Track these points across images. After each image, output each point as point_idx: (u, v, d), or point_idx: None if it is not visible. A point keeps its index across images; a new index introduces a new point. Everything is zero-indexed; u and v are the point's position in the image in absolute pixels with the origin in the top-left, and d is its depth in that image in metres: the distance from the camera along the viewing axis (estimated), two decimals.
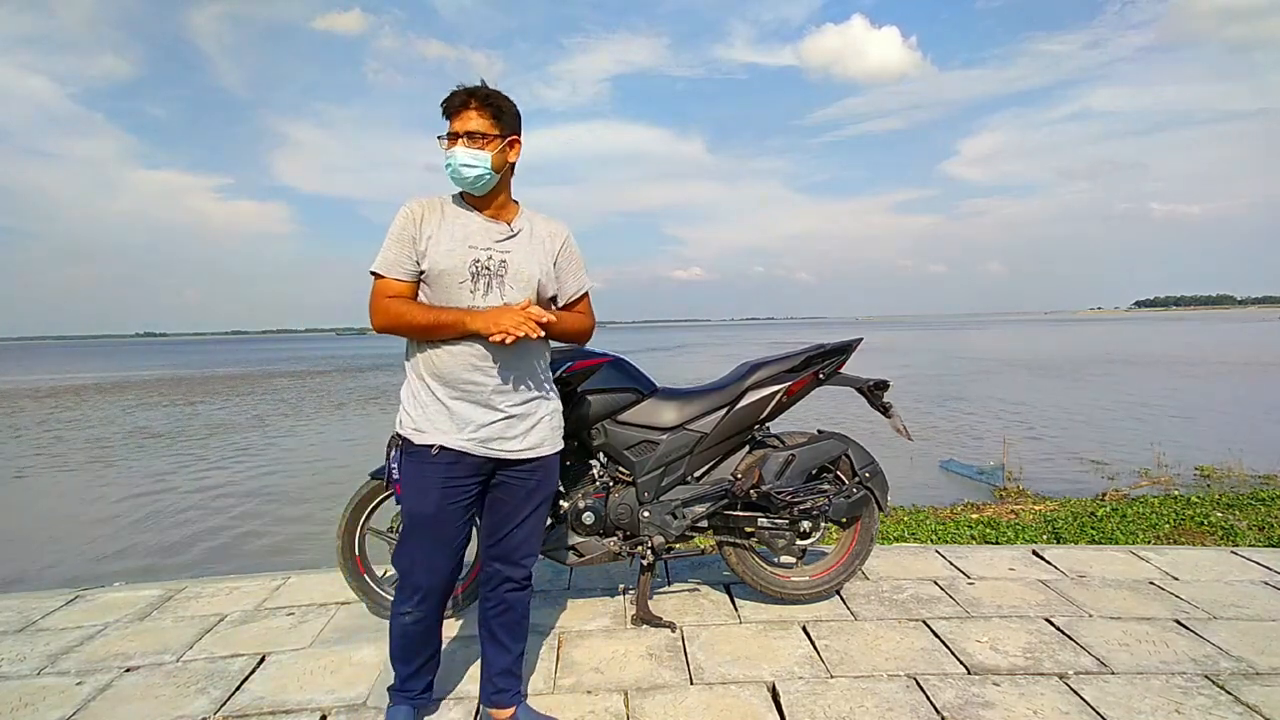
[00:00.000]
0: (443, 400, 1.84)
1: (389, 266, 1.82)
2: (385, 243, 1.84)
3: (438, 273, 1.82)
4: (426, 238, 1.82)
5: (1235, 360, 23.55)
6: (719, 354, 35.19)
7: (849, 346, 2.87)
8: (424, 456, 1.83)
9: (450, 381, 1.83)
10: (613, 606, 2.86)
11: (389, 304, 1.81)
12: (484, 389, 1.85)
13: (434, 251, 1.82)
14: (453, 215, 1.87)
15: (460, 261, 1.82)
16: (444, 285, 1.83)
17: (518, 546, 1.97)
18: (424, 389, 1.85)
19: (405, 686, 2.02)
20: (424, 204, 1.86)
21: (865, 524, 2.85)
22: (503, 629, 2.00)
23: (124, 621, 2.87)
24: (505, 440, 1.88)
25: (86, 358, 66.05)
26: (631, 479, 2.72)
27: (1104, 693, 2.15)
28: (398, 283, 1.82)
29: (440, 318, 1.78)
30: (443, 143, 1.84)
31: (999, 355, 30.61)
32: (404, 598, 1.92)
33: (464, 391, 1.84)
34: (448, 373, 1.83)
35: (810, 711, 2.09)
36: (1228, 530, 4.33)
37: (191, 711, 2.17)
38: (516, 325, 1.72)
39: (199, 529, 6.79)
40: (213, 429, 13.78)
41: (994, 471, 7.41)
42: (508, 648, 2.02)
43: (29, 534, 7.04)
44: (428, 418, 1.84)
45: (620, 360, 2.80)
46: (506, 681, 2.02)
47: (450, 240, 1.83)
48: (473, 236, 1.85)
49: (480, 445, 1.85)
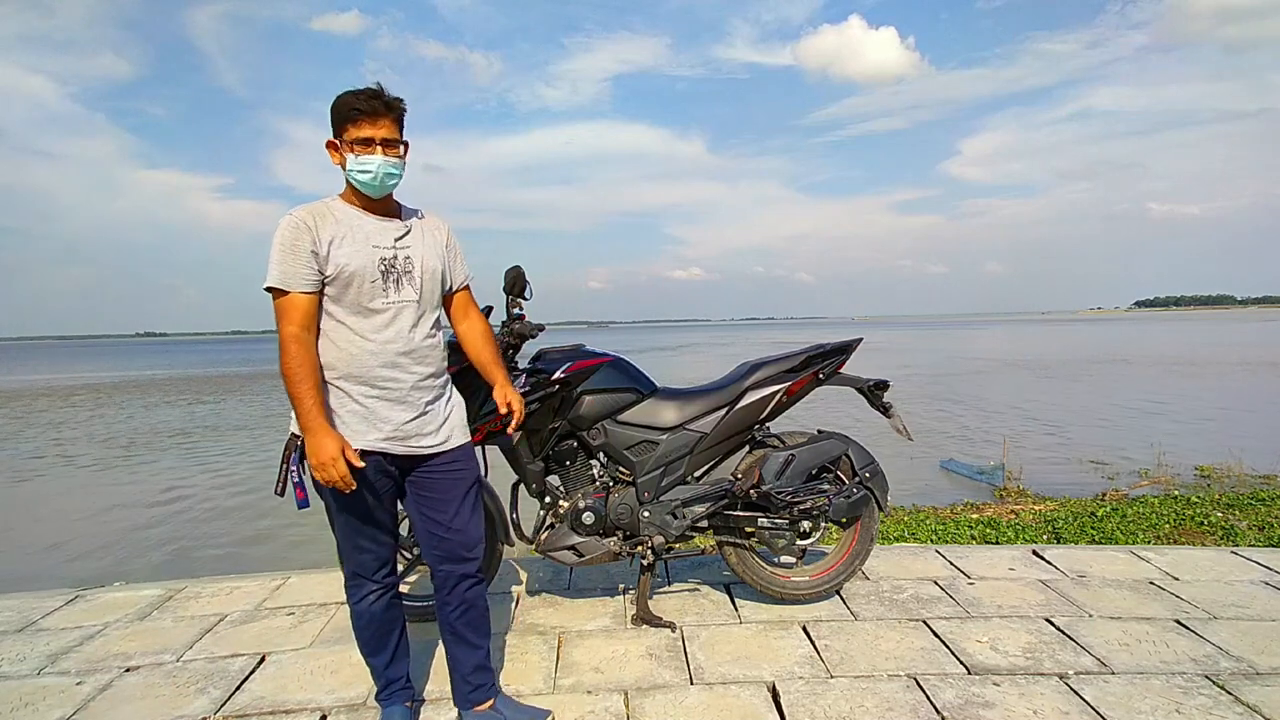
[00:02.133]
0: (359, 400, 1.83)
1: (288, 279, 1.76)
2: (276, 257, 1.76)
3: (348, 275, 1.79)
4: (327, 243, 1.78)
5: (1235, 360, 23.54)
6: (721, 354, 35.19)
7: (849, 346, 2.87)
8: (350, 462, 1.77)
9: (368, 380, 1.82)
10: (613, 606, 2.86)
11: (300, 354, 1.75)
12: (403, 385, 1.86)
13: (339, 255, 1.79)
14: (347, 219, 1.84)
15: (368, 262, 1.82)
16: (355, 287, 1.80)
17: (462, 539, 1.97)
18: (336, 392, 1.83)
19: (389, 680, 2.03)
20: (311, 211, 1.81)
21: (865, 524, 2.85)
22: (468, 627, 2.00)
23: (124, 621, 2.87)
24: (423, 436, 1.90)
25: (89, 358, 66.05)
26: (632, 479, 2.72)
27: (1104, 693, 2.15)
28: (302, 296, 1.77)
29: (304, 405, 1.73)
30: (352, 149, 1.80)
31: (999, 355, 30.60)
32: (360, 581, 1.95)
33: (382, 390, 1.84)
34: (365, 372, 1.82)
35: (810, 711, 2.09)
36: (1228, 530, 4.33)
37: (191, 711, 2.17)
38: (328, 479, 1.73)
39: (201, 529, 6.80)
40: (235, 426, 13.78)
41: (994, 471, 7.42)
42: (476, 645, 2.02)
43: (38, 533, 7.04)
44: (344, 422, 1.82)
45: (620, 360, 2.80)
46: (481, 677, 2.03)
47: (353, 243, 1.81)
48: (373, 237, 1.85)
49: (399, 444, 1.86)
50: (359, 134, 1.80)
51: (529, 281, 2.54)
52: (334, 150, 1.85)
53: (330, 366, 1.82)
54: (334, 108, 1.83)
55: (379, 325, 1.84)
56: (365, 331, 1.83)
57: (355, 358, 1.81)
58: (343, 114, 1.81)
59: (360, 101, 1.80)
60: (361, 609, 1.97)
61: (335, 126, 1.84)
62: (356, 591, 1.96)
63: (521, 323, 2.61)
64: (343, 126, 1.82)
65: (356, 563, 1.94)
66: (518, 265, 2.54)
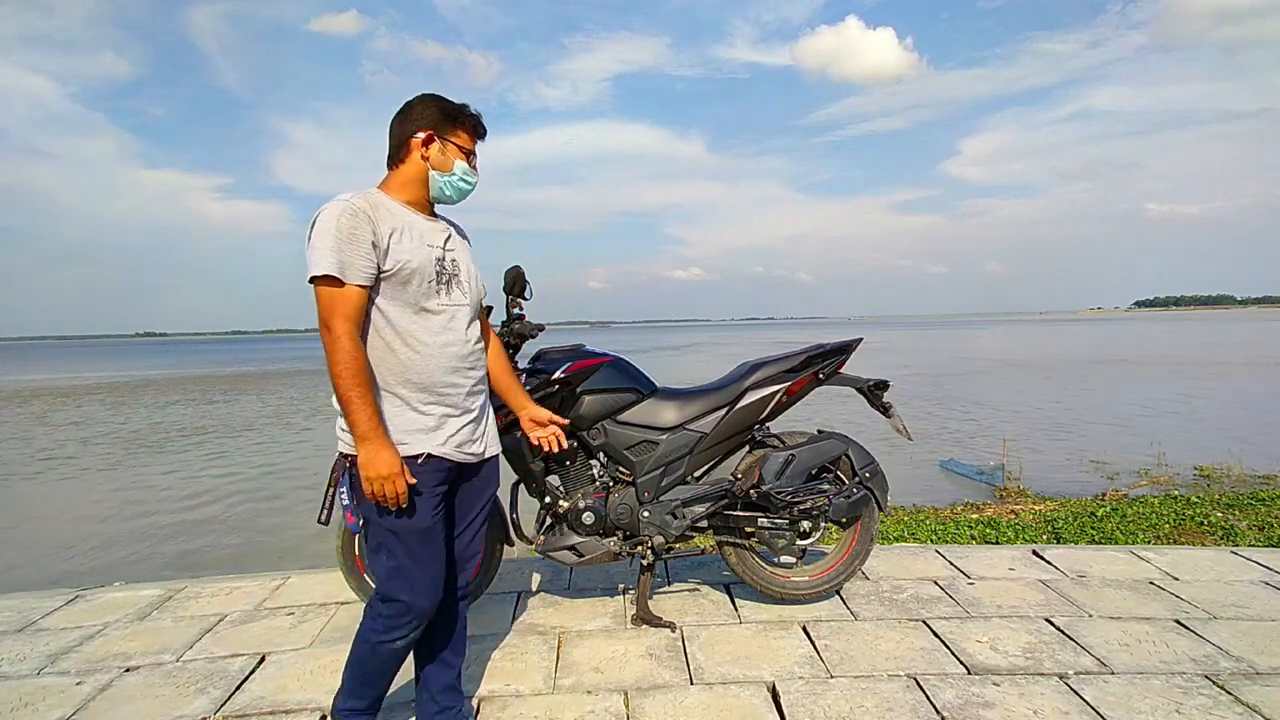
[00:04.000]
0: (418, 407, 1.73)
1: (346, 269, 1.62)
2: (330, 243, 1.61)
3: (409, 273, 1.70)
4: (387, 236, 1.68)
5: (1235, 360, 23.55)
6: (723, 354, 35.19)
7: (849, 346, 2.87)
8: (410, 469, 1.70)
9: (428, 386, 1.74)
10: (613, 606, 2.86)
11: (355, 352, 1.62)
12: (460, 391, 1.80)
13: (399, 251, 1.69)
14: (401, 214, 1.75)
15: (427, 261, 1.74)
16: (413, 287, 1.71)
17: (465, 550, 1.90)
18: (392, 399, 1.72)
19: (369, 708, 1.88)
20: (366, 199, 1.70)
21: (865, 524, 2.85)
22: (444, 644, 1.92)
23: (124, 621, 2.87)
24: (471, 443, 1.83)
25: (89, 358, 66.06)
26: (631, 479, 2.72)
27: (1104, 693, 2.15)
28: (356, 289, 1.64)
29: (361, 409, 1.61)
30: (466, 157, 1.82)
31: (998, 355, 30.61)
32: (400, 624, 1.75)
33: (440, 396, 1.76)
34: (426, 377, 1.73)
35: (810, 711, 2.09)
36: (1228, 530, 4.33)
37: (191, 711, 2.17)
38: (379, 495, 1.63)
39: (201, 528, 6.80)
40: (247, 424, 13.78)
41: (994, 471, 7.42)
42: (450, 663, 1.93)
43: (38, 533, 7.04)
44: (403, 428, 1.71)
45: (620, 360, 2.80)
46: (451, 698, 1.93)
47: (411, 239, 1.73)
48: (426, 236, 1.78)
49: (456, 450, 1.79)
50: (470, 145, 1.82)
51: (529, 281, 2.55)
52: (428, 144, 1.77)
53: (388, 372, 1.71)
54: (447, 107, 1.79)
55: (438, 328, 1.75)
56: (424, 335, 1.73)
57: (416, 363, 1.72)
58: (461, 119, 1.80)
59: (476, 118, 1.83)
60: (400, 647, 1.77)
61: (442, 124, 1.78)
62: (401, 627, 1.75)
63: (521, 323, 2.61)
64: (455, 130, 1.79)
65: (415, 604, 1.74)
66: (518, 265, 2.54)
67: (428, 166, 1.78)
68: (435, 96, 1.81)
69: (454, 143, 1.80)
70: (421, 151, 1.77)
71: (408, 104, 1.80)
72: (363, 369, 1.63)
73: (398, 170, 1.80)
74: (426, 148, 1.77)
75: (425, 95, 1.81)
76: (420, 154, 1.77)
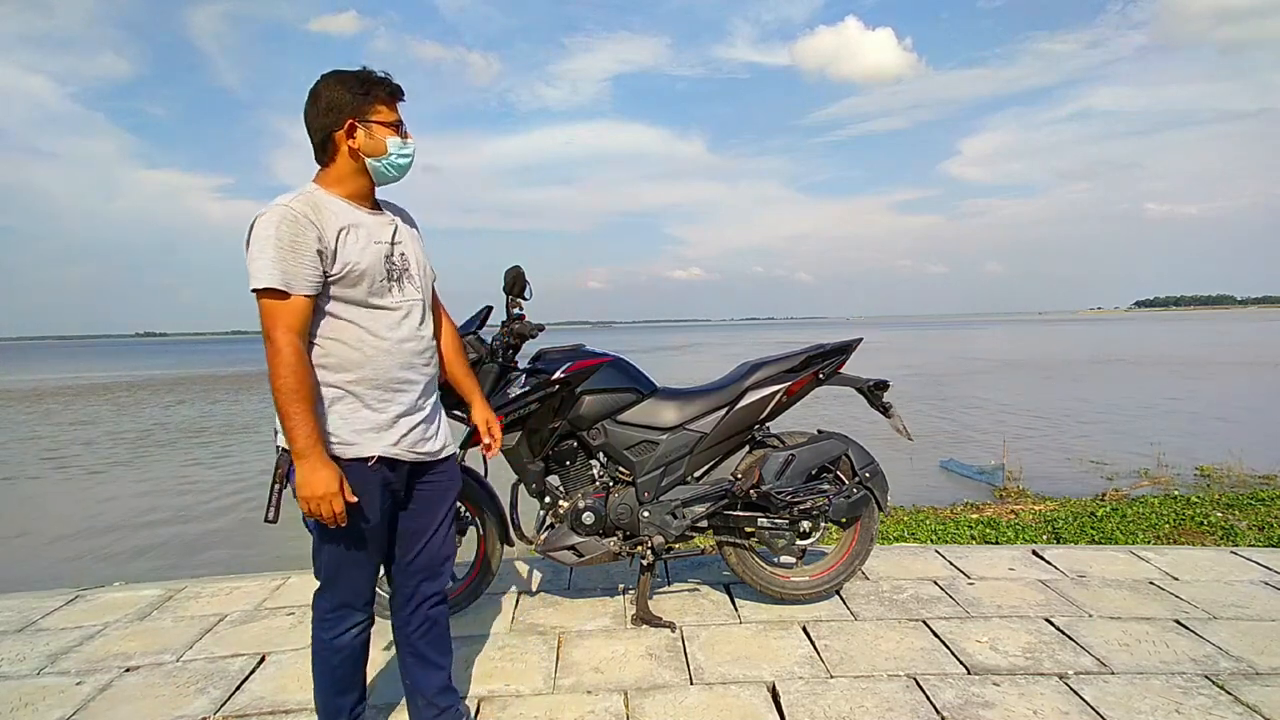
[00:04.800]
0: (370, 405, 1.68)
1: (291, 280, 1.55)
2: (272, 253, 1.54)
3: (359, 274, 1.63)
4: (333, 239, 1.61)
5: (1235, 360, 23.54)
6: (723, 354, 35.18)
7: (849, 346, 2.87)
8: (358, 471, 1.65)
9: (383, 383, 1.69)
10: (613, 606, 2.86)
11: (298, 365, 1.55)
12: (415, 388, 1.75)
13: (347, 253, 1.62)
14: (345, 212, 1.67)
15: (376, 260, 1.67)
16: (364, 286, 1.65)
17: (437, 554, 1.86)
18: (344, 396, 1.67)
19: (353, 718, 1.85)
20: (306, 201, 1.62)
21: (865, 524, 2.85)
22: (431, 647, 1.88)
23: (124, 621, 2.87)
24: (424, 442, 1.78)
25: (91, 358, 66.08)
26: (631, 479, 2.72)
27: (1104, 693, 2.15)
28: (303, 299, 1.58)
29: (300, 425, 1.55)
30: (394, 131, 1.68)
31: (998, 355, 30.60)
32: (347, 613, 1.75)
33: (395, 393, 1.71)
34: (382, 374, 1.68)
35: (810, 711, 2.09)
36: (1228, 530, 4.33)
37: (191, 711, 2.17)
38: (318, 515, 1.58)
39: (202, 528, 6.80)
40: (247, 424, 13.78)
41: (994, 471, 7.42)
42: (439, 665, 1.90)
43: (39, 533, 7.04)
44: (354, 428, 1.66)
45: (620, 360, 2.80)
46: (447, 699, 1.91)
47: (358, 239, 1.65)
48: (374, 233, 1.70)
49: (408, 450, 1.74)
50: (393, 116, 1.68)
51: (529, 281, 2.55)
52: (351, 134, 1.66)
53: (341, 369, 1.66)
54: (348, 83, 1.65)
55: (392, 323, 1.71)
56: (379, 330, 1.69)
57: (372, 359, 1.67)
58: (372, 93, 1.66)
59: (386, 82, 1.67)
60: (343, 642, 1.76)
61: (357, 106, 1.65)
62: (340, 624, 1.75)
63: (521, 323, 2.61)
64: (372, 106, 1.66)
65: (349, 591, 1.75)
66: (518, 265, 2.54)
67: (362, 155, 1.68)
68: (338, 76, 1.67)
69: (376, 121, 1.67)
70: (349, 144, 1.67)
71: (314, 93, 1.67)
72: (304, 383, 1.57)
73: (331, 167, 1.70)
74: (352, 138, 1.67)
75: (329, 78, 1.67)
76: (348, 147, 1.67)
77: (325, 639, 1.77)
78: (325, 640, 1.77)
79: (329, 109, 1.66)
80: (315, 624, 1.78)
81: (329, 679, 1.80)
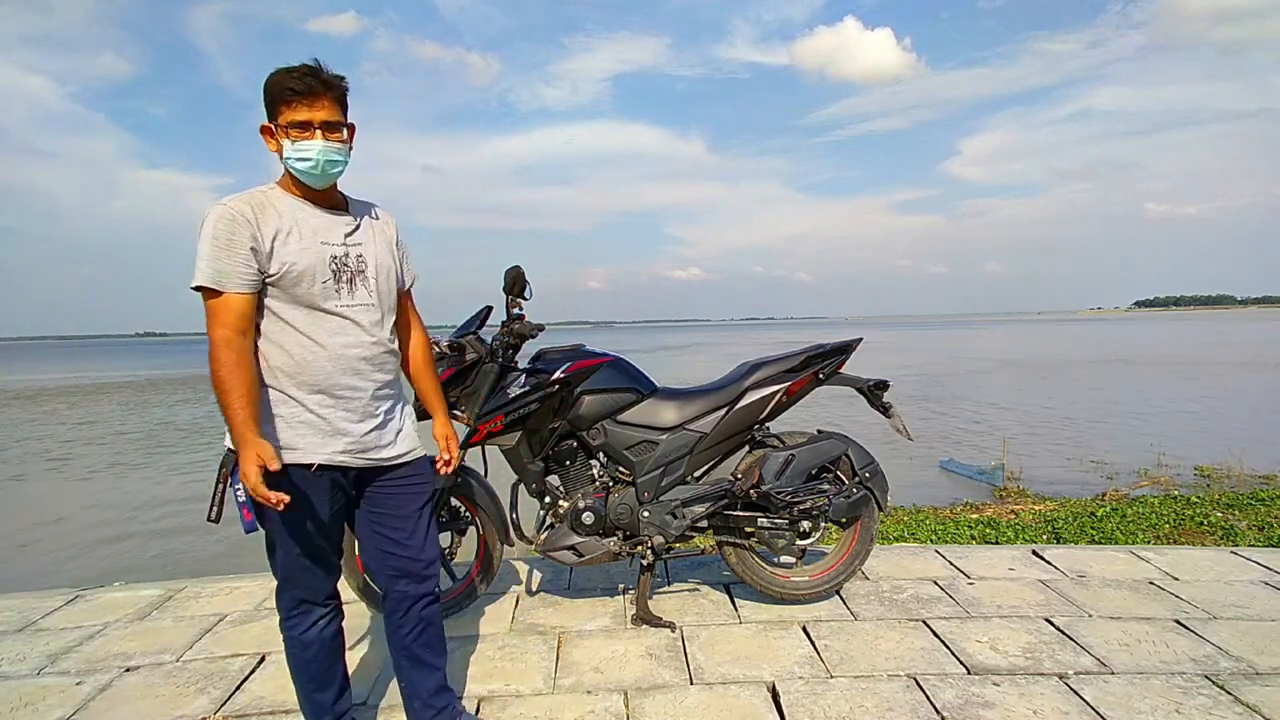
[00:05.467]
0: (315, 411, 1.67)
1: (223, 278, 1.56)
2: (207, 252, 1.55)
3: (297, 274, 1.62)
4: (269, 239, 1.60)
5: (1235, 360, 23.54)
6: (723, 354, 35.19)
7: (849, 346, 2.87)
8: (301, 475, 1.65)
9: (324, 389, 1.67)
10: (613, 606, 2.86)
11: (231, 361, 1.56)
12: (362, 395, 1.72)
13: (285, 253, 1.61)
14: (290, 211, 1.66)
15: (318, 260, 1.65)
16: (304, 288, 1.63)
17: (420, 554, 1.84)
18: (287, 401, 1.66)
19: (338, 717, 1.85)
20: (248, 202, 1.62)
21: (865, 524, 2.85)
22: (426, 648, 1.87)
23: (124, 621, 2.87)
24: (378, 449, 1.76)
25: (91, 358, 66.05)
26: (631, 479, 2.72)
27: (1104, 693, 2.15)
28: (237, 297, 1.58)
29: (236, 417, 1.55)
30: (288, 133, 1.62)
31: (999, 355, 30.60)
32: (308, 608, 1.76)
33: (338, 399, 1.68)
34: (322, 379, 1.66)
35: (810, 711, 2.09)
36: (1228, 530, 4.33)
37: (191, 711, 2.17)
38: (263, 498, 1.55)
39: (202, 528, 6.79)
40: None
41: (994, 471, 7.42)
42: (435, 665, 1.89)
43: (39, 533, 7.04)
44: (297, 434, 1.65)
45: (620, 360, 2.80)
46: (443, 699, 1.90)
47: (300, 238, 1.63)
48: (321, 232, 1.68)
49: (359, 456, 1.73)
50: (295, 117, 1.61)
51: (529, 281, 2.55)
52: (269, 136, 1.66)
53: (282, 374, 1.66)
54: (266, 87, 1.63)
55: (334, 329, 1.68)
56: (320, 336, 1.66)
57: (311, 365, 1.65)
58: (275, 94, 1.62)
59: (294, 80, 1.60)
60: (310, 637, 1.76)
61: (269, 109, 1.65)
62: (303, 620, 1.76)
63: (521, 323, 2.62)
64: (276, 109, 1.63)
65: (305, 588, 1.75)
66: (518, 265, 2.54)
67: (281, 157, 1.66)
68: (269, 78, 1.64)
69: (281, 124, 1.64)
70: (270, 144, 1.67)
71: None
72: (239, 377, 1.56)
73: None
74: (271, 139, 1.66)
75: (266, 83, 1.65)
76: (272, 147, 1.67)
77: (294, 636, 1.78)
78: (294, 637, 1.78)
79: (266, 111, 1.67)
80: (281, 624, 1.79)
81: (305, 675, 1.81)
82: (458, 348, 2.58)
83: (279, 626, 1.80)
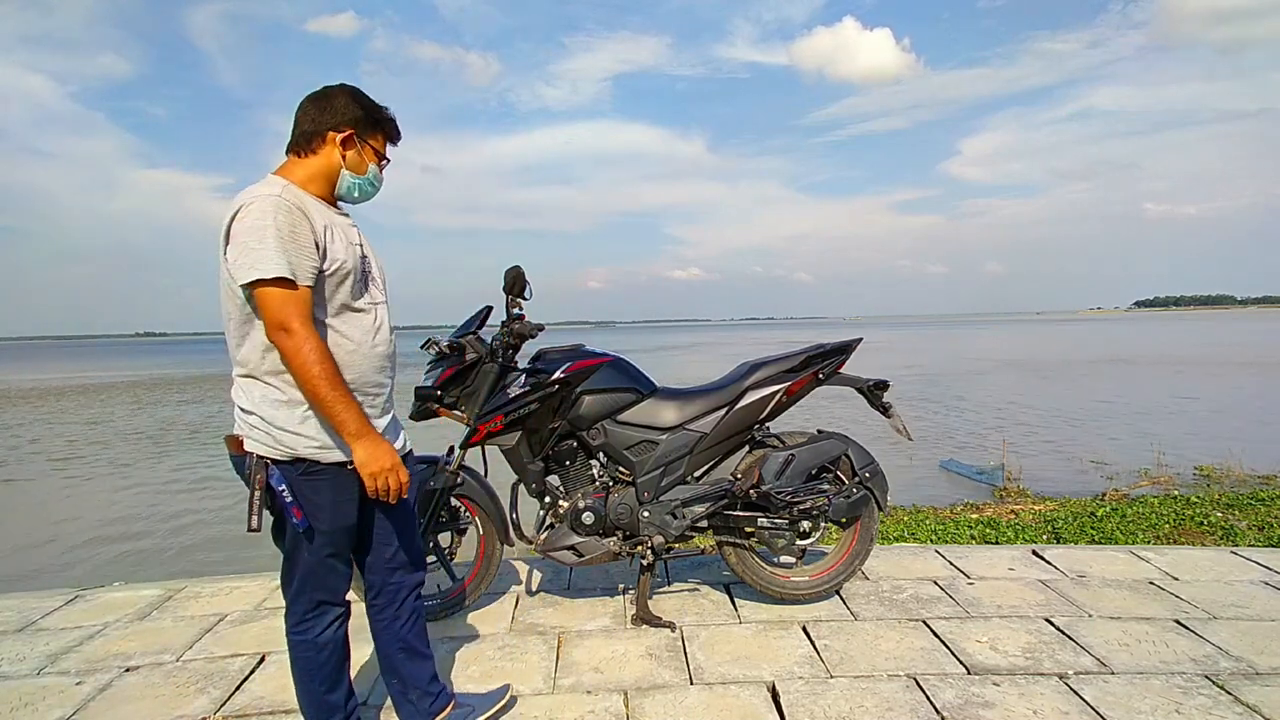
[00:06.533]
0: None
1: (296, 270, 1.54)
2: (275, 244, 1.52)
3: (344, 274, 1.64)
4: (322, 232, 1.61)
5: (1235, 360, 23.54)
6: (723, 354, 35.19)
7: (849, 346, 2.87)
8: (337, 473, 1.66)
9: (360, 388, 1.68)
10: (613, 606, 2.86)
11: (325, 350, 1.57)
12: (384, 391, 1.77)
13: (334, 248, 1.63)
14: (323, 210, 1.68)
15: (353, 259, 1.68)
16: (344, 289, 1.66)
17: (414, 543, 1.88)
18: None
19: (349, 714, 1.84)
20: (296, 196, 1.61)
21: (865, 524, 2.85)
22: (419, 638, 1.89)
23: (124, 621, 2.87)
24: (394, 443, 1.78)
25: (92, 358, 66.06)
26: (631, 479, 2.72)
27: (1104, 693, 2.15)
28: (307, 290, 1.57)
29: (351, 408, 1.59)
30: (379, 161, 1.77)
31: (998, 355, 30.60)
32: (326, 609, 1.75)
33: (368, 397, 1.71)
34: (359, 378, 1.68)
35: (810, 711, 2.09)
36: (1228, 530, 4.33)
37: (191, 711, 2.17)
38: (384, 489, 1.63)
39: (202, 528, 6.80)
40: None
41: (994, 471, 7.42)
42: (428, 654, 1.92)
43: (38, 533, 7.04)
44: (333, 432, 1.64)
45: (620, 360, 2.80)
46: (438, 684, 1.93)
47: (335, 237, 1.66)
48: (347, 233, 1.71)
49: None
50: (385, 151, 1.79)
51: (529, 281, 2.55)
52: (346, 144, 1.70)
53: None
54: (370, 107, 1.73)
55: (367, 327, 1.72)
56: (355, 334, 1.69)
57: (350, 364, 1.66)
58: (385, 126, 1.77)
59: (395, 123, 1.79)
60: (326, 638, 1.75)
61: (364, 125, 1.72)
62: (319, 623, 1.74)
63: (521, 323, 2.62)
64: (375, 133, 1.75)
65: (326, 589, 1.74)
66: (518, 265, 2.54)
67: (342, 165, 1.71)
68: (358, 93, 1.73)
69: (372, 145, 1.75)
70: (339, 149, 1.70)
71: (327, 92, 1.71)
72: (336, 368, 1.59)
73: (305, 161, 1.70)
74: (345, 146, 1.71)
75: (348, 88, 1.73)
76: (338, 151, 1.70)
77: (308, 639, 1.75)
78: (309, 640, 1.75)
79: (339, 111, 1.71)
80: (292, 630, 1.75)
81: (318, 678, 1.77)
82: (458, 348, 2.58)
83: (288, 632, 1.77)
